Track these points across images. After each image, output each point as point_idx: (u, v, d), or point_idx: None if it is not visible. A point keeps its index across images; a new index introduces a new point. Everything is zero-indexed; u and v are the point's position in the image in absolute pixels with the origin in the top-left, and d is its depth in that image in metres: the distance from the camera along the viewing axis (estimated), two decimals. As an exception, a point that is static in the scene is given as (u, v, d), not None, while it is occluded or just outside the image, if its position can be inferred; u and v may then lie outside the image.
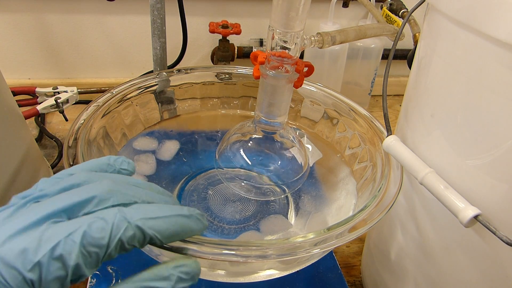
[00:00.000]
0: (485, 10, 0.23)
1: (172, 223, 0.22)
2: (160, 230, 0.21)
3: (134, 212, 0.21)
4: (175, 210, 0.22)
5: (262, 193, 0.46)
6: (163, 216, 0.22)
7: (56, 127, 0.71)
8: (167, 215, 0.22)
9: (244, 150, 0.42)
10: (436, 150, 0.30)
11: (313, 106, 0.50)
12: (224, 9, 0.76)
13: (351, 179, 0.44)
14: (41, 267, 0.18)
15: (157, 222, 0.21)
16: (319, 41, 0.39)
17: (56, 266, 0.19)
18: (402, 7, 0.64)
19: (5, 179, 0.39)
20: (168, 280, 0.21)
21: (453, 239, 0.31)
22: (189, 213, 0.23)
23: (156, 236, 0.21)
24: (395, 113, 0.83)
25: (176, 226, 0.22)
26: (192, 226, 0.23)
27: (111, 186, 0.22)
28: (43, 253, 0.18)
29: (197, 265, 0.23)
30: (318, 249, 0.28)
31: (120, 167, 0.26)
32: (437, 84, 0.30)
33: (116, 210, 0.21)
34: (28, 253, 0.18)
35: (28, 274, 0.18)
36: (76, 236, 0.19)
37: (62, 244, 0.19)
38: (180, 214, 0.22)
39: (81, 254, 0.19)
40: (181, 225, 0.22)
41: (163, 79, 0.49)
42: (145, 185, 0.25)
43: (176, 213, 0.22)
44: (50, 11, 0.71)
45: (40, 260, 0.18)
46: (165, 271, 0.21)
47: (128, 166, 0.26)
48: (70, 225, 0.20)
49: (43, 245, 0.19)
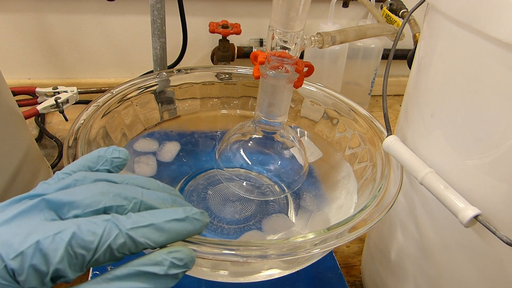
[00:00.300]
0: (485, 10, 0.23)
1: (166, 229, 0.22)
2: (152, 238, 0.21)
3: (127, 220, 0.21)
4: (169, 215, 0.22)
5: (261, 193, 0.46)
6: (156, 223, 0.21)
7: (56, 127, 0.71)
8: (160, 221, 0.22)
9: (244, 150, 0.42)
10: (436, 150, 0.30)
11: (313, 106, 0.50)
12: (224, 9, 0.76)
13: (352, 178, 0.44)
14: (24, 258, 0.18)
15: (149, 230, 0.21)
16: (319, 41, 0.39)
17: (39, 260, 0.19)
18: (402, 7, 0.64)
19: (5, 179, 0.39)
20: (160, 265, 0.21)
21: (453, 239, 0.31)
22: (185, 215, 0.23)
23: (148, 244, 0.21)
24: (395, 113, 0.83)
25: (170, 232, 0.22)
26: (188, 228, 0.23)
27: (105, 188, 0.22)
28: (28, 244, 0.19)
29: (191, 252, 0.22)
30: (318, 249, 0.28)
31: (111, 157, 0.26)
32: (437, 84, 0.30)
33: (109, 216, 0.21)
34: (14, 242, 0.19)
35: (10, 262, 0.18)
36: (65, 235, 0.19)
37: (49, 240, 0.19)
38: (174, 219, 0.22)
39: (67, 254, 0.19)
40: (175, 230, 0.22)
41: (163, 79, 0.49)
42: (143, 181, 0.25)
43: (170, 217, 0.22)
44: (50, 11, 0.71)
45: (25, 250, 0.18)
46: (158, 256, 0.21)
47: (120, 153, 0.26)
48: (62, 224, 0.20)
49: (30, 237, 0.19)
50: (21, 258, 0.18)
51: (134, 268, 0.21)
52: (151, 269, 0.21)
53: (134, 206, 0.22)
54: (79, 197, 0.21)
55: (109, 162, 0.26)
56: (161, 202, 0.24)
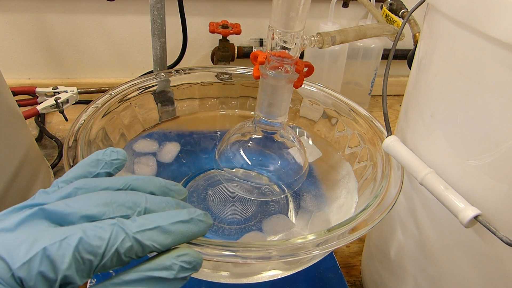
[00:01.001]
0: (485, 10, 0.23)
1: (172, 231, 0.22)
2: (158, 241, 0.21)
3: (132, 223, 0.21)
4: (174, 217, 0.22)
5: (261, 193, 0.46)
6: (162, 226, 0.21)
7: (56, 127, 0.71)
8: (165, 223, 0.21)
9: (244, 150, 0.42)
10: (436, 150, 0.30)
11: (312, 106, 0.50)
12: (224, 9, 0.76)
13: (352, 177, 0.44)
14: (31, 266, 0.18)
15: (155, 233, 0.21)
16: (319, 41, 0.39)
17: (47, 267, 0.18)
18: (402, 7, 0.64)
19: (5, 179, 0.39)
20: (170, 270, 0.21)
21: (453, 239, 0.31)
22: (189, 216, 0.23)
23: (155, 247, 0.21)
24: (395, 113, 0.83)
25: (176, 234, 0.22)
26: (193, 230, 0.23)
27: (108, 198, 0.22)
28: (35, 252, 0.18)
29: (198, 255, 0.22)
30: (319, 250, 0.28)
31: (110, 159, 0.26)
32: (437, 84, 0.30)
33: (114, 220, 0.20)
34: (20, 250, 0.18)
35: (17, 271, 0.18)
36: (72, 240, 0.19)
37: (56, 246, 0.19)
38: (179, 221, 0.22)
39: (74, 259, 0.19)
40: (181, 232, 0.22)
41: (163, 80, 0.49)
42: (145, 181, 0.25)
43: (175, 219, 0.22)
44: (50, 11, 0.71)
45: (32, 258, 0.18)
46: (167, 261, 0.21)
47: (118, 155, 0.26)
48: (67, 230, 0.19)
49: (36, 244, 0.18)
50: (28, 265, 0.18)
51: (143, 274, 0.21)
52: (161, 274, 0.21)
53: (138, 215, 0.22)
54: (81, 208, 0.21)
55: (108, 165, 0.25)
56: (165, 207, 0.23)
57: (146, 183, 0.25)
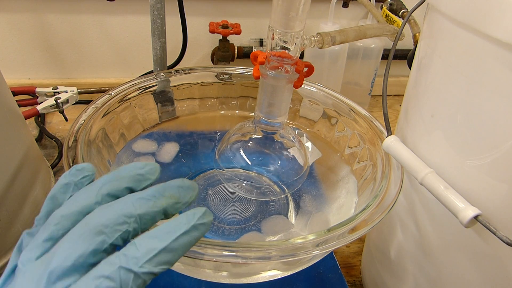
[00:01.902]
0: (485, 10, 0.23)
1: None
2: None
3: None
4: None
5: (261, 193, 0.46)
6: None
7: (56, 127, 0.71)
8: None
9: (244, 150, 0.42)
10: (436, 150, 0.30)
11: (312, 106, 0.50)
12: (224, 9, 0.76)
13: (352, 177, 0.44)
14: None
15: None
16: (319, 41, 0.39)
17: None
18: (402, 7, 0.64)
19: (5, 179, 0.39)
20: None
21: (453, 239, 0.31)
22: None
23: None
24: (395, 113, 0.83)
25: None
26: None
27: (96, 225, 0.20)
28: None
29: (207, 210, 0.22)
30: (319, 250, 0.28)
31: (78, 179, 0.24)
32: (437, 84, 0.30)
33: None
34: None
35: None
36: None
37: None
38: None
39: None
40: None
41: (163, 80, 0.49)
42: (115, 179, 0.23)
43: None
44: (50, 11, 0.71)
45: None
46: None
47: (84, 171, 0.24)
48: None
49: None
50: None
51: None
52: None
53: (133, 227, 0.21)
54: (79, 256, 0.20)
55: (78, 186, 0.24)
56: (154, 203, 0.22)
57: (118, 181, 0.23)
